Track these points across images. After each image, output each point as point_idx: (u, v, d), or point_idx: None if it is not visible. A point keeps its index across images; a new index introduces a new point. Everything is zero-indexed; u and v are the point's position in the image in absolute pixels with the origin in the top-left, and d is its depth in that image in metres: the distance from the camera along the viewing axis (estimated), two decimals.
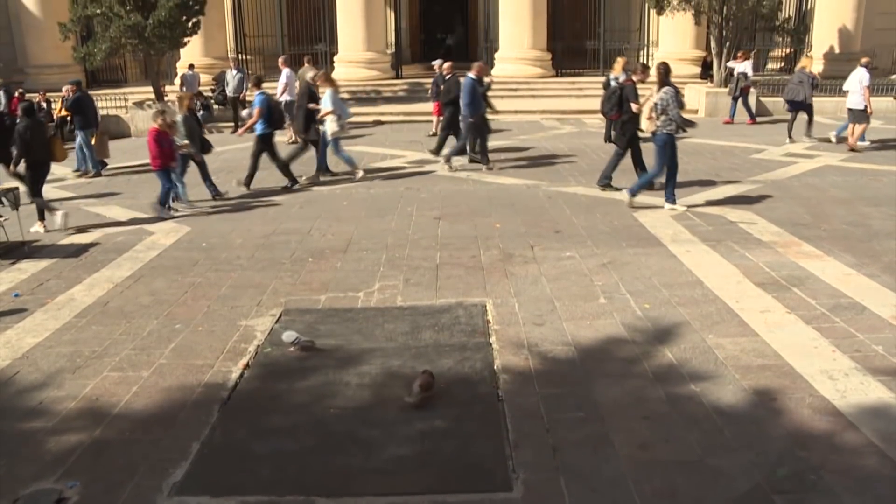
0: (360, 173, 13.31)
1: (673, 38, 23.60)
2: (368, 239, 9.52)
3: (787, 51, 25.77)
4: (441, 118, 17.61)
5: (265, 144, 12.79)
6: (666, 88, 10.21)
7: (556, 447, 4.74)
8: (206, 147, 12.72)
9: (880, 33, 26.28)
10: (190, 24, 20.54)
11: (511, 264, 8.37)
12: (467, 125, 13.79)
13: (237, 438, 5.01)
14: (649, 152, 11.10)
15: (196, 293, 7.77)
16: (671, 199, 10.67)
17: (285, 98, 17.68)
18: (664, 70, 10.47)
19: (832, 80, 21.69)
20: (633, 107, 11.29)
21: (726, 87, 20.92)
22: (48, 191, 13.15)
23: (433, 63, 19.19)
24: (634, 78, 11.94)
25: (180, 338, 6.61)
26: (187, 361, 6.13)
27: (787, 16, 23.19)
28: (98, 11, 19.50)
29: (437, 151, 14.91)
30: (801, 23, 23.57)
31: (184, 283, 8.11)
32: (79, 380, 5.85)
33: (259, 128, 12.66)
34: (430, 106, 18.88)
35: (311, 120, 13.19)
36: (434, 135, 17.55)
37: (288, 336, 6.32)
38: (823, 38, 24.03)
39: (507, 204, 11.21)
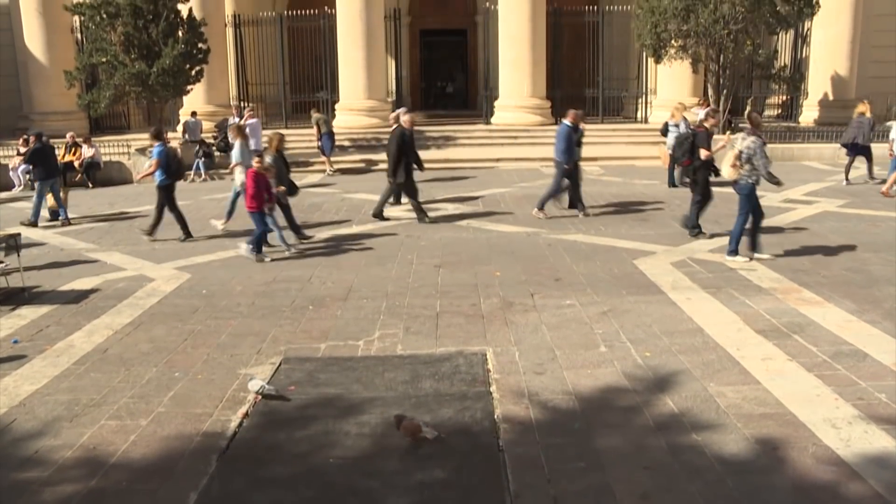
0: (219, 226, 13.38)
1: (671, 86, 23.83)
2: (369, 287, 9.52)
3: (784, 98, 26.07)
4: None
5: (166, 194, 12.85)
6: (753, 138, 10.05)
7: (557, 498, 4.69)
8: (292, 190, 12.74)
9: (874, 81, 26.61)
10: (193, 73, 20.83)
11: (511, 312, 8.36)
12: (560, 171, 13.70)
13: (235, 489, 4.95)
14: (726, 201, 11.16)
15: (196, 341, 7.75)
16: (757, 247, 10.47)
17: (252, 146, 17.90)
18: (754, 120, 10.42)
19: (828, 127, 21.99)
20: (703, 153, 11.25)
21: (724, 134, 21.08)
22: (56, 236, 13.23)
23: (392, 114, 19.53)
24: (706, 124, 11.87)
25: (179, 386, 6.58)
26: (186, 410, 6.09)
27: (782, 64, 23.50)
28: (103, 60, 19.80)
29: (396, 201, 14.96)
30: (797, 70, 23.87)
31: (184, 330, 8.10)
32: (76, 428, 5.82)
33: (159, 178, 12.72)
34: (431, 154, 19.15)
35: (399, 164, 13.18)
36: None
37: (253, 385, 6.34)
38: (819, 85, 24.34)
39: (507, 251, 11.23)
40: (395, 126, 14.06)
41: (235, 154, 13.10)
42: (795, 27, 23.33)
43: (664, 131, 17.86)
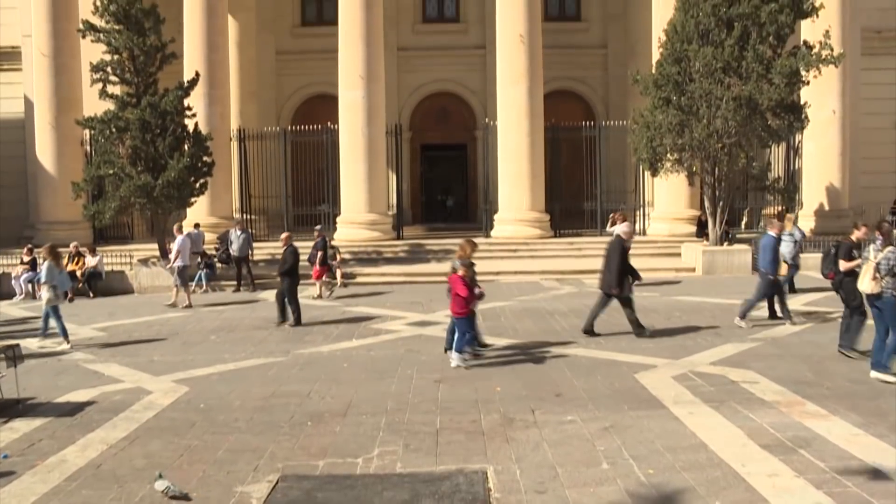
0: (67, 346, 13.41)
1: (668, 199, 24.22)
2: (368, 402, 9.42)
3: (779, 208, 26.41)
4: (319, 280, 18.50)
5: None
6: (891, 248, 9.90)
7: None
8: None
9: (866, 191, 27.17)
10: (198, 185, 21.24)
11: (512, 429, 8.25)
12: (766, 282, 13.68)
13: None
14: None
15: (192, 456, 7.62)
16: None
17: (178, 264, 18.14)
18: (885, 230, 10.28)
19: (823, 237, 22.19)
20: (842, 265, 11.11)
21: (722, 245, 21.33)
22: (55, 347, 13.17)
23: (315, 228, 20.11)
24: (853, 237, 11.79)
25: None
26: None
27: (776, 175, 23.92)
28: (111, 172, 20.26)
29: (282, 319, 14.92)
30: (791, 182, 24.29)
31: (180, 445, 7.98)
32: None
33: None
34: (431, 267, 19.20)
35: (624, 276, 13.12)
36: (319, 297, 18.43)
37: (160, 485, 6.36)
38: (813, 196, 24.71)
39: (507, 366, 11.15)
40: (613, 237, 14.04)
41: (43, 273, 13.69)
42: (787, 140, 23.88)
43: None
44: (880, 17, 29.13)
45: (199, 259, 20.93)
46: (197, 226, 22.24)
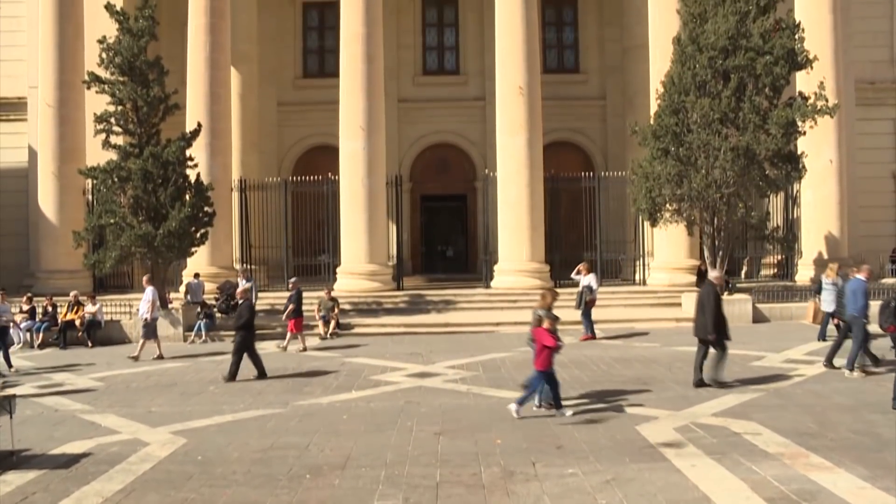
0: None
1: (667, 249, 24.24)
2: (367, 455, 9.31)
3: (779, 257, 26.47)
4: (298, 332, 18.41)
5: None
6: None
7: None
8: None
9: (865, 239, 27.32)
10: (199, 235, 21.28)
11: (512, 482, 8.14)
12: (860, 326, 13.44)
13: None
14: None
15: None
16: None
17: (147, 316, 18.02)
18: None
19: None
20: None
21: (722, 294, 21.23)
22: (51, 397, 13.08)
23: (290, 280, 20.16)
24: None
25: None
26: None
27: (775, 225, 24.01)
28: (112, 221, 20.32)
29: (232, 378, 14.50)
30: (790, 231, 24.35)
31: (177, 498, 7.88)
32: None
33: None
34: (431, 318, 19.17)
35: (721, 321, 12.94)
36: (283, 349, 18.22)
37: None
38: (812, 244, 24.73)
39: (508, 418, 11.03)
40: (705, 284, 13.96)
41: None
42: (785, 189, 24.01)
43: (818, 289, 18.45)
44: (873, 69, 29.65)
45: (198, 309, 20.90)
46: (197, 276, 22.26)
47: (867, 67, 29.46)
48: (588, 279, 19.28)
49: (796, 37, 20.03)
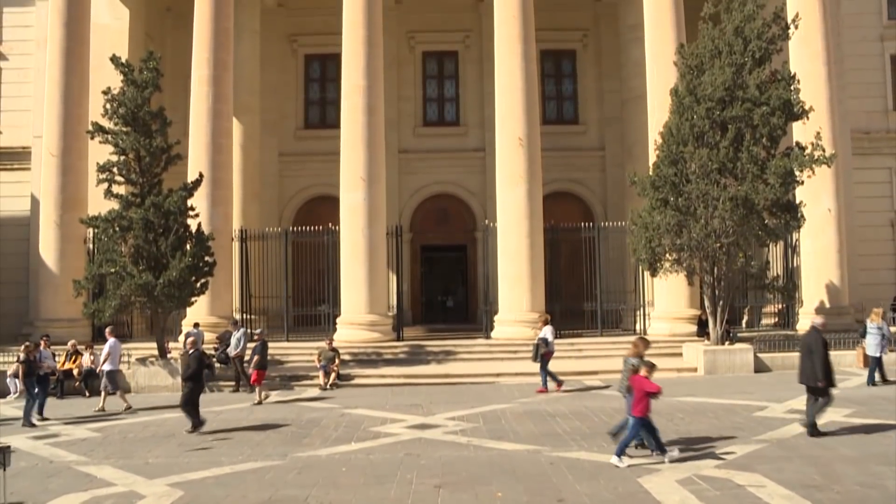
0: None
1: (668, 299, 24.21)
2: None
3: (780, 307, 26.42)
4: (258, 384, 18.20)
5: None
6: None
7: None
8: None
9: (865, 288, 27.35)
10: (199, 285, 21.27)
11: None
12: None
13: None
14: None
15: None
16: None
17: (108, 367, 18.06)
18: None
19: (826, 334, 22.07)
20: None
21: (723, 344, 21.21)
22: (46, 447, 12.94)
23: (255, 332, 20.07)
24: None
25: None
26: None
27: (775, 274, 24.00)
28: (112, 270, 20.33)
29: (195, 428, 14.49)
30: (790, 280, 24.33)
31: None
32: None
33: None
34: (431, 368, 19.04)
35: (829, 367, 12.82)
36: (259, 402, 17.97)
37: None
38: (812, 293, 24.71)
39: (509, 470, 10.92)
40: (810, 329, 13.78)
41: None
42: (784, 239, 24.07)
43: (863, 334, 18.69)
44: (868, 119, 30.08)
45: None
46: (196, 325, 22.16)
47: (862, 117, 29.87)
48: (544, 332, 19.21)
49: (792, 88, 20.31)
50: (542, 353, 18.76)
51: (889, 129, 30.36)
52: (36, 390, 16.58)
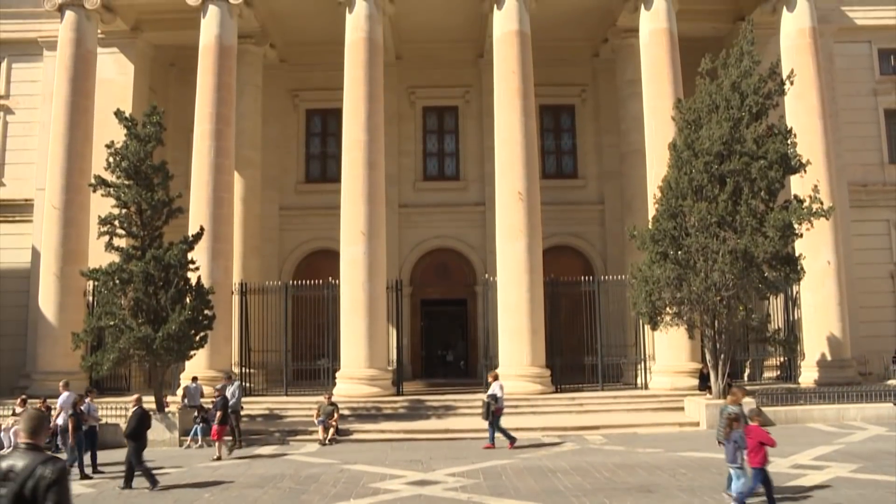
0: None
1: (669, 352, 24.10)
2: None
3: (781, 359, 26.30)
4: (219, 440, 17.97)
5: None
6: None
7: None
8: None
9: (867, 340, 27.29)
10: (198, 338, 21.18)
11: None
12: None
13: None
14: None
15: None
16: None
17: (59, 422, 17.84)
18: None
19: (828, 387, 22.05)
20: None
21: (725, 397, 21.00)
22: None
23: (216, 386, 20.11)
24: None
25: None
26: None
27: (776, 327, 23.93)
28: (112, 323, 20.28)
29: (154, 485, 14.24)
30: (791, 333, 24.26)
31: None
32: None
33: None
34: (431, 423, 18.88)
35: None
36: (218, 458, 17.70)
37: None
38: (814, 346, 24.65)
39: None
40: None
41: None
42: (785, 291, 24.07)
43: None
44: (864, 171, 30.37)
45: (195, 413, 20.60)
46: (195, 379, 22.02)
47: (858, 170, 30.15)
48: (493, 388, 18.97)
49: (789, 142, 20.52)
50: (493, 411, 18.52)
51: (886, 181, 30.61)
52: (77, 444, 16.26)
